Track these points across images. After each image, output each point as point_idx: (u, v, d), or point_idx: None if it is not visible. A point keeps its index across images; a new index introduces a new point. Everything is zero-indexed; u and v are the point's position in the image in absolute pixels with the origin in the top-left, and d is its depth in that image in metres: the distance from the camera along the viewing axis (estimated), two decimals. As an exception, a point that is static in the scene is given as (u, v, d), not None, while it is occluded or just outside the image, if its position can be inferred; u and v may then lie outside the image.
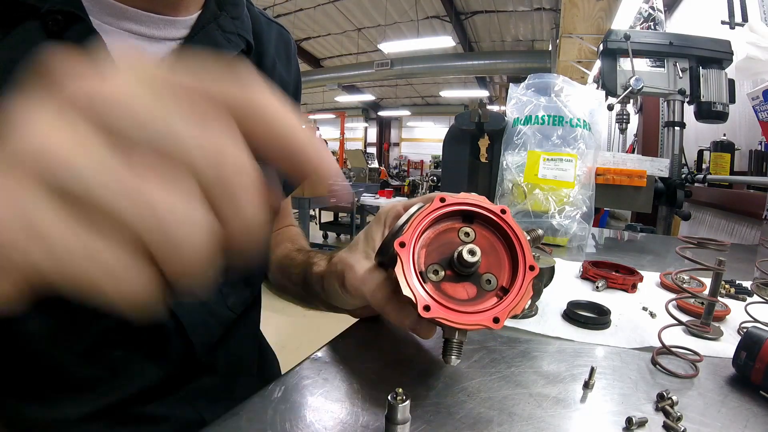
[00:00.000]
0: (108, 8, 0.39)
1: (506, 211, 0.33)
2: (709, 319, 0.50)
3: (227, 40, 0.47)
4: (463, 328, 0.30)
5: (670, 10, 2.93)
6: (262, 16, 0.57)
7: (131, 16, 0.40)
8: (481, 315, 0.30)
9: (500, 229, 0.33)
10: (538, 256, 0.55)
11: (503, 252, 0.33)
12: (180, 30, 0.44)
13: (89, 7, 0.38)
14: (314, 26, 9.40)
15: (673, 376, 0.40)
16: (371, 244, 0.41)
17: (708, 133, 2.01)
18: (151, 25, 0.42)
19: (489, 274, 0.32)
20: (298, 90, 0.63)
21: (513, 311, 0.31)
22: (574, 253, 0.91)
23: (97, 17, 0.39)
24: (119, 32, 0.40)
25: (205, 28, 0.45)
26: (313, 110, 15.80)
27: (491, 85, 12.94)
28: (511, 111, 1.10)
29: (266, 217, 0.17)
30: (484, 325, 0.30)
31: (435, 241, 0.32)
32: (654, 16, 2.20)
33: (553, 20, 6.38)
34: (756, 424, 0.33)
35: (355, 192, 4.39)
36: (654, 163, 1.25)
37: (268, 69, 0.55)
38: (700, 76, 1.35)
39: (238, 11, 0.50)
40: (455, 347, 0.32)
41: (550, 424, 0.32)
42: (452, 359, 0.32)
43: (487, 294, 0.31)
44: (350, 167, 8.76)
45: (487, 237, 0.33)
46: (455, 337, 0.31)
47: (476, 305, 0.31)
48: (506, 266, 0.33)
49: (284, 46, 0.59)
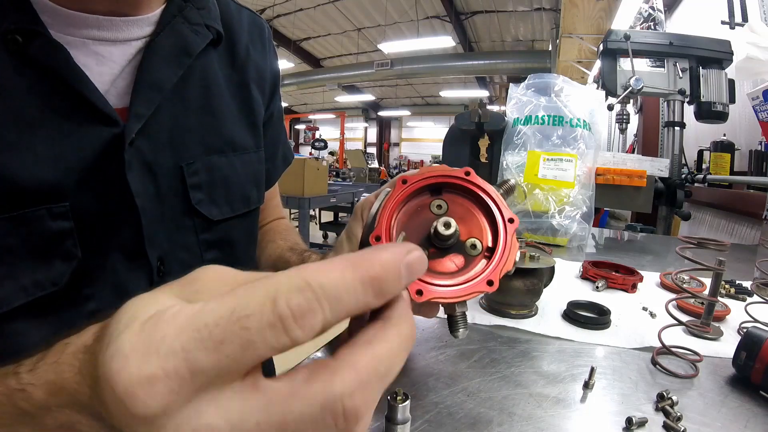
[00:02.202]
0: (67, 19, 0.38)
1: (470, 172, 0.33)
2: (709, 319, 0.50)
3: (195, 32, 0.46)
4: (460, 300, 0.30)
5: (670, 10, 2.93)
6: (232, 2, 0.55)
7: (92, 23, 0.40)
8: (474, 282, 0.30)
9: (470, 191, 0.33)
10: (538, 256, 0.55)
11: (480, 213, 0.33)
12: (144, 28, 0.43)
13: (49, 21, 0.37)
14: (314, 26, 9.40)
15: (673, 376, 0.40)
16: (354, 241, 0.41)
17: (708, 133, 2.01)
18: (113, 28, 0.41)
19: (472, 239, 0.31)
20: (276, 76, 0.61)
21: (504, 269, 0.30)
22: (574, 253, 0.91)
23: (59, 30, 0.38)
24: (82, 41, 0.39)
25: (170, 23, 0.44)
26: (313, 110, 15.81)
27: (491, 85, 12.94)
28: (511, 111, 1.10)
29: None
30: (480, 291, 0.29)
31: (410, 223, 0.32)
32: (654, 16, 2.20)
33: (553, 20, 6.38)
34: (756, 424, 0.33)
35: (355, 192, 4.38)
36: (654, 163, 1.25)
37: (241, 57, 0.53)
38: (700, 76, 1.35)
39: (204, 1, 0.48)
40: (459, 320, 0.31)
41: (550, 424, 0.32)
42: (460, 333, 0.31)
43: (475, 258, 0.31)
44: (350, 167, 8.77)
45: (460, 203, 0.33)
46: (456, 311, 0.31)
47: (467, 272, 0.30)
48: (487, 225, 0.32)
49: (258, 32, 0.57)
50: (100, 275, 0.39)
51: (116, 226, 0.40)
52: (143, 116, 0.40)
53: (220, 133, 0.49)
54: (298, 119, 14.66)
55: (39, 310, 0.36)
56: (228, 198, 0.50)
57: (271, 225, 0.68)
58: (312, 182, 3.40)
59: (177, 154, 0.44)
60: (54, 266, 0.37)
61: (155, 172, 0.42)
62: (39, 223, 0.36)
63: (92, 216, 0.38)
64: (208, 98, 0.48)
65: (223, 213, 0.49)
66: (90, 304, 0.39)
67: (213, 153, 0.48)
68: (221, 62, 0.51)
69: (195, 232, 0.47)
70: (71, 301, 0.38)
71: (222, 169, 0.49)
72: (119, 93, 0.41)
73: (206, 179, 0.47)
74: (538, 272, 0.53)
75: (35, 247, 0.36)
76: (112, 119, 0.39)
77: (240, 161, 0.51)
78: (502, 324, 0.50)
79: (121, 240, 0.40)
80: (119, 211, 0.40)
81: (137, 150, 0.40)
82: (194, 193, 0.46)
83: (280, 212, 0.71)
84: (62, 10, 0.38)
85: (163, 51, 0.43)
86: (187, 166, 0.45)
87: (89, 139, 0.38)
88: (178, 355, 0.14)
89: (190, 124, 0.45)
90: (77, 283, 0.38)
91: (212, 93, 0.48)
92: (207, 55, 0.48)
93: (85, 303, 0.39)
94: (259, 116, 0.55)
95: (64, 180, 0.37)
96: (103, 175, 0.38)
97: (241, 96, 0.53)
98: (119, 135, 0.39)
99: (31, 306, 0.36)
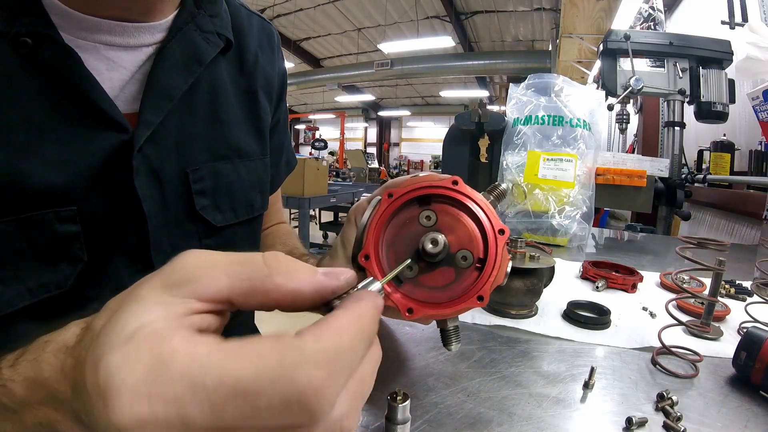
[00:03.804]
0: (80, 23, 0.38)
1: (458, 181, 0.32)
2: (709, 319, 0.50)
3: (206, 40, 0.46)
4: (451, 317, 0.30)
5: (670, 10, 2.93)
6: (243, 9, 0.55)
7: (104, 28, 0.40)
8: (465, 298, 0.29)
9: (458, 201, 0.32)
10: (538, 256, 0.55)
11: (470, 223, 0.32)
12: (155, 35, 0.43)
13: (61, 24, 0.37)
14: (314, 26, 9.39)
15: (673, 376, 0.40)
16: (348, 248, 0.40)
17: (708, 133, 2.01)
18: (125, 34, 0.41)
19: (463, 251, 0.31)
20: (284, 82, 0.62)
21: (495, 283, 0.30)
22: (574, 253, 0.91)
23: (70, 33, 0.38)
24: (94, 45, 0.39)
25: (182, 30, 0.44)
26: (313, 110, 15.81)
27: (491, 85, 12.94)
28: (511, 111, 1.10)
29: None
30: (470, 307, 0.29)
31: (399, 237, 0.31)
32: (654, 16, 2.20)
33: (553, 20, 6.38)
34: (756, 424, 0.33)
35: (355, 192, 4.38)
36: (654, 163, 1.25)
37: (249, 64, 0.53)
38: (700, 76, 1.35)
39: (216, 8, 0.48)
40: (452, 334, 0.31)
41: (550, 424, 0.32)
42: (453, 346, 0.31)
43: (466, 271, 0.30)
44: (350, 167, 8.77)
45: (449, 212, 0.32)
46: (448, 325, 0.31)
47: (459, 285, 0.30)
48: (477, 237, 0.31)
49: (267, 39, 0.58)
50: (104, 278, 0.40)
51: (122, 231, 0.40)
52: (152, 124, 0.40)
53: (226, 139, 0.49)
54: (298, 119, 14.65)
55: (42, 311, 0.36)
56: (232, 204, 0.50)
57: (271, 230, 0.69)
58: (312, 182, 3.40)
59: (183, 160, 0.44)
60: (60, 269, 0.37)
61: (161, 178, 0.42)
62: (46, 226, 0.36)
63: (99, 220, 0.38)
64: (216, 105, 0.48)
65: (226, 219, 0.49)
66: (93, 305, 0.39)
67: (218, 159, 0.48)
68: (230, 68, 0.51)
69: (198, 237, 0.47)
70: (74, 303, 0.38)
71: (227, 176, 0.49)
72: (128, 99, 0.41)
73: (211, 185, 0.47)
74: (538, 272, 0.53)
75: (42, 250, 0.36)
76: (121, 126, 0.39)
77: (245, 168, 0.51)
78: (502, 324, 0.50)
79: (127, 244, 0.41)
80: (126, 215, 0.40)
81: (144, 156, 0.40)
82: (199, 198, 0.46)
83: (281, 216, 0.72)
84: (75, 13, 0.38)
85: (174, 58, 0.43)
86: (192, 172, 0.45)
87: (98, 144, 0.38)
88: (170, 404, 0.14)
89: (196, 131, 0.46)
90: (81, 286, 0.38)
91: (220, 100, 0.48)
92: (216, 62, 0.48)
93: (88, 305, 0.39)
94: (266, 123, 0.55)
95: (72, 184, 0.37)
96: (111, 180, 0.39)
97: (249, 103, 0.53)
98: (128, 141, 0.39)
99: (35, 307, 0.36)
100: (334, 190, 4.12)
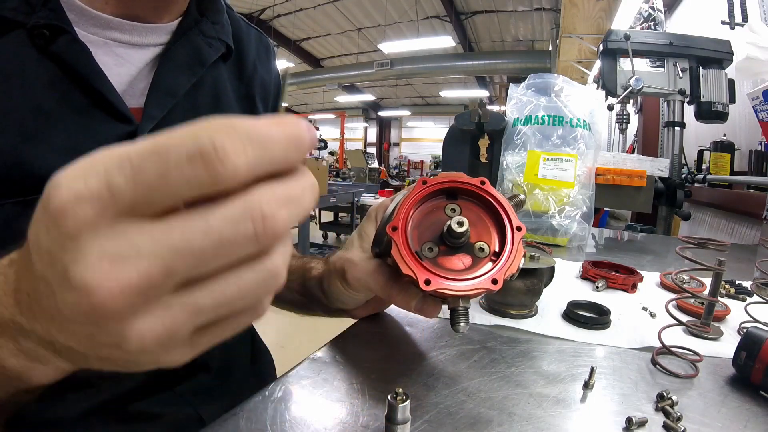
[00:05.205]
0: (93, 19, 0.41)
1: (485, 182, 0.35)
2: (709, 319, 0.50)
3: (208, 44, 0.49)
4: (465, 295, 0.32)
5: (670, 10, 2.93)
6: (242, 21, 0.59)
7: (116, 26, 0.42)
8: (479, 279, 0.32)
9: (483, 199, 0.35)
10: (539, 256, 0.55)
11: (490, 220, 0.35)
12: (162, 36, 0.46)
13: (75, 19, 0.39)
14: (314, 26, 9.40)
15: (673, 376, 0.40)
16: (366, 239, 0.42)
17: (708, 133, 2.01)
18: (134, 33, 0.44)
19: (481, 242, 0.34)
20: (279, 91, 0.66)
21: (509, 271, 0.32)
22: (574, 253, 0.91)
23: (83, 28, 0.40)
24: (104, 41, 0.42)
25: (186, 34, 0.47)
26: (313, 110, 15.80)
27: (491, 85, 12.94)
28: (511, 111, 1.09)
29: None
30: (484, 288, 0.31)
31: (425, 221, 0.34)
32: (654, 16, 2.19)
33: (553, 20, 6.37)
34: (756, 424, 0.33)
35: (355, 192, 4.38)
36: (654, 163, 1.25)
37: (248, 70, 0.57)
38: (700, 76, 1.35)
39: (219, 17, 0.52)
40: (461, 314, 0.33)
41: (550, 424, 0.32)
42: (461, 326, 0.33)
43: (482, 260, 0.33)
44: (350, 167, 8.76)
45: (473, 209, 0.35)
46: (459, 304, 0.32)
47: (473, 272, 0.32)
48: (495, 233, 0.35)
49: (264, 50, 0.62)
50: None
51: None
52: (156, 118, 0.43)
53: None
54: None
55: None
56: None
57: None
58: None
59: None
60: None
61: None
62: None
63: None
64: (218, 107, 0.51)
65: None
66: None
67: None
68: (230, 75, 0.54)
69: None
70: None
71: None
72: (135, 94, 0.44)
73: None
74: (538, 272, 0.53)
75: None
76: (127, 117, 0.41)
77: None
78: (502, 324, 0.50)
79: None
80: None
81: None
82: None
83: None
84: (89, 10, 0.41)
85: (179, 59, 0.46)
86: None
87: (104, 134, 0.40)
88: (100, 176, 0.15)
89: None
90: None
91: (222, 103, 0.51)
92: (218, 67, 0.51)
93: None
94: None
95: None
96: None
97: (247, 107, 0.56)
98: (132, 133, 0.41)
99: None
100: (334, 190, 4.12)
